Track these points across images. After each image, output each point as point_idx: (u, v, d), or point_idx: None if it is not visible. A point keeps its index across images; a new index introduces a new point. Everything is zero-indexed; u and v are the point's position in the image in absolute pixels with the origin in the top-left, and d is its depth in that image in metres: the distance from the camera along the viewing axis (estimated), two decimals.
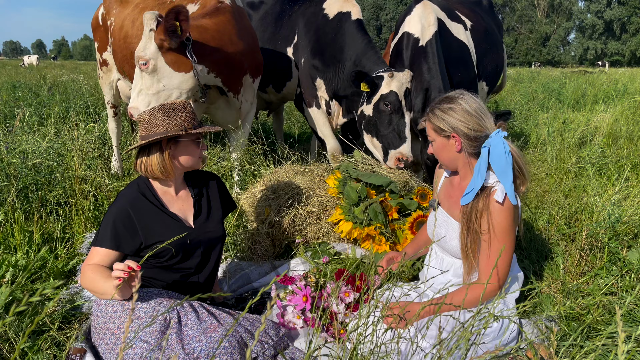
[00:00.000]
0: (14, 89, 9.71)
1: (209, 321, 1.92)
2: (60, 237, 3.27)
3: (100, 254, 2.01)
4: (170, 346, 1.82)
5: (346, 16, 4.16)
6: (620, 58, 69.23)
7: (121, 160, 5.01)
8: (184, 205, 2.25)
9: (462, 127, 1.96)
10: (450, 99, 2.02)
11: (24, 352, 2.13)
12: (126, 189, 2.18)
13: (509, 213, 1.90)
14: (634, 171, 4.54)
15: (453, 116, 1.97)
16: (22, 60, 35.37)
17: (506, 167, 1.89)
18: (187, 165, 2.19)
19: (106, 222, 2.04)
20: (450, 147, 2.03)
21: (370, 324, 1.64)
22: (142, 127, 2.10)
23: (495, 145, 1.91)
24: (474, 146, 1.99)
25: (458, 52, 4.09)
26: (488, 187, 1.94)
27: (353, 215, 2.88)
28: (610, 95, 10.51)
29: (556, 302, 2.55)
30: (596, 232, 2.96)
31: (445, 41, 3.92)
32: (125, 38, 4.30)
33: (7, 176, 3.59)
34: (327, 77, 4.22)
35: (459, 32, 4.19)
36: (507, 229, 1.91)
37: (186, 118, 2.10)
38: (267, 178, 3.44)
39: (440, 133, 2.03)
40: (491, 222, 1.91)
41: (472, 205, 1.95)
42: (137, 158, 2.15)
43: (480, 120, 1.96)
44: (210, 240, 2.26)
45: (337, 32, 4.14)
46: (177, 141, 2.13)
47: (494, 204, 1.90)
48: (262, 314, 2.42)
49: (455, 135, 1.99)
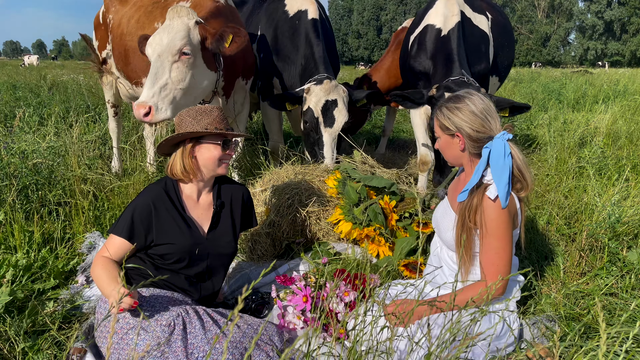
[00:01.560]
0: (14, 89, 9.71)
1: (214, 331, 1.91)
2: (61, 237, 3.28)
3: (115, 243, 2.05)
4: (174, 353, 1.82)
5: (304, 15, 4.10)
6: (621, 58, 69.21)
7: (121, 160, 5.01)
8: (203, 213, 2.25)
9: (466, 127, 1.99)
10: (459, 98, 2.04)
11: (24, 351, 2.13)
12: (154, 184, 2.21)
13: (498, 212, 1.91)
14: (634, 172, 4.54)
15: (459, 116, 2.00)
16: (23, 60, 35.37)
17: (503, 169, 1.90)
18: (208, 168, 2.18)
19: (127, 212, 2.09)
20: (455, 145, 2.08)
21: (368, 324, 1.65)
22: (176, 129, 2.16)
23: (496, 147, 1.93)
24: (476, 147, 2.02)
25: (479, 41, 4.07)
26: (483, 184, 1.97)
27: (353, 216, 2.87)
28: (610, 96, 10.51)
29: (556, 302, 2.55)
30: (596, 233, 2.96)
31: (468, 31, 3.92)
32: (121, 36, 4.30)
33: (7, 176, 3.59)
34: (282, 78, 4.24)
35: (481, 22, 4.16)
36: (500, 226, 1.92)
37: (211, 121, 2.11)
38: (267, 178, 3.44)
39: (445, 131, 2.07)
40: (483, 218, 1.93)
41: (467, 201, 1.99)
42: (168, 159, 2.21)
43: (485, 122, 1.98)
44: (219, 255, 2.26)
45: (294, 30, 4.12)
46: (199, 141, 2.14)
47: (486, 200, 1.92)
48: (261, 315, 2.42)
49: (459, 135, 2.03)
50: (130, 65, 4.30)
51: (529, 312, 2.53)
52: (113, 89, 4.96)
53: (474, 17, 4.10)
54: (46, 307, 2.47)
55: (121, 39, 4.31)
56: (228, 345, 1.87)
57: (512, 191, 1.96)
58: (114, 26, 4.46)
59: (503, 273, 1.92)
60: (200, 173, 2.19)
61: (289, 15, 4.23)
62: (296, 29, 4.12)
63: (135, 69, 4.27)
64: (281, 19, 4.27)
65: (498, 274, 1.91)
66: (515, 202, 1.98)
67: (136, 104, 2.96)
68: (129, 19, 4.29)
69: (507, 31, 4.84)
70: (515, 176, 1.96)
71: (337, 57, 4.91)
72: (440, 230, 2.19)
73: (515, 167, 1.95)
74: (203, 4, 3.76)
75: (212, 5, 3.71)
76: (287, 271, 2.87)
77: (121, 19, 4.38)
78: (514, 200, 1.97)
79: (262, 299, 2.47)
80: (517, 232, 2.05)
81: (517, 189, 1.99)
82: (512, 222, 1.96)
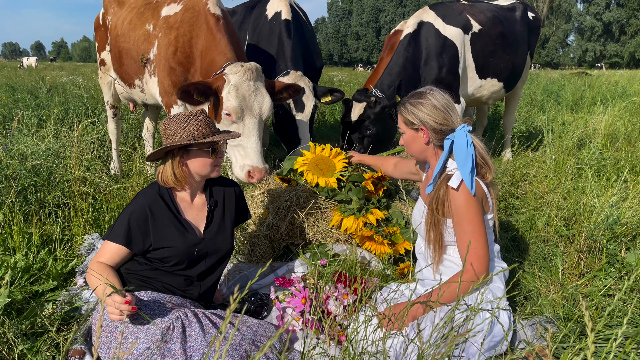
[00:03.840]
0: (13, 90, 9.71)
1: (213, 334, 1.91)
2: (59, 238, 3.27)
3: (110, 249, 2.04)
4: (173, 356, 1.82)
5: (279, 16, 4.41)
6: (619, 60, 69.35)
7: (120, 162, 5.01)
8: (198, 214, 2.25)
9: (430, 120, 2.12)
10: (421, 94, 2.17)
11: (22, 353, 2.13)
12: (147, 188, 2.20)
13: (466, 196, 2.01)
14: (632, 173, 4.55)
15: (422, 110, 2.12)
16: (21, 62, 35.32)
17: (466, 157, 2.02)
18: (200, 174, 2.18)
19: (122, 218, 2.07)
20: (419, 139, 2.19)
21: (362, 323, 1.67)
22: (162, 138, 2.15)
23: (459, 137, 2.07)
24: (440, 139, 2.15)
25: (440, 48, 4.56)
26: (445, 173, 2.08)
27: (349, 209, 2.92)
28: (608, 98, 10.53)
29: (555, 303, 2.55)
30: (595, 234, 2.96)
31: (428, 37, 4.51)
32: (116, 37, 4.31)
33: (6, 178, 3.59)
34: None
35: (451, 34, 4.62)
36: (470, 210, 2.01)
37: (196, 127, 2.08)
38: (265, 181, 3.44)
39: (410, 126, 2.19)
40: (451, 206, 2.04)
41: (433, 193, 2.11)
42: (158, 166, 2.18)
43: (447, 115, 2.12)
44: (217, 252, 2.26)
45: (271, 32, 4.44)
46: (188, 150, 2.12)
47: (449, 189, 2.04)
48: (260, 317, 2.42)
49: (423, 128, 2.15)
50: (124, 67, 4.31)
51: (527, 312, 2.53)
52: (112, 90, 4.96)
53: (441, 27, 4.60)
54: (45, 309, 2.47)
55: (116, 41, 4.33)
56: (228, 348, 1.87)
57: (477, 177, 2.09)
58: (112, 28, 4.48)
59: (482, 255, 1.99)
60: (192, 179, 2.19)
61: (268, 19, 4.58)
62: (272, 30, 4.46)
63: (128, 71, 4.28)
64: (263, 23, 4.60)
65: (477, 257, 1.99)
66: (482, 187, 2.10)
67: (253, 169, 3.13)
68: (124, 20, 4.30)
69: (505, 38, 5.04)
70: (478, 163, 2.10)
71: (317, 57, 5.15)
72: (420, 229, 2.29)
73: (478, 154, 2.10)
74: (194, 7, 3.75)
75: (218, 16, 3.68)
76: (286, 272, 2.87)
77: (117, 21, 4.40)
78: (481, 185, 2.09)
79: (260, 300, 2.47)
80: (490, 217, 2.15)
81: (482, 174, 2.13)
82: (481, 206, 2.06)
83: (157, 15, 3.99)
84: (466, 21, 4.75)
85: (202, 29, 3.61)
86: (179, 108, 3.81)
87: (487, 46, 4.83)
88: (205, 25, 3.59)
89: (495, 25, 4.94)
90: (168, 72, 3.75)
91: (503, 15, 5.20)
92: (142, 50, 4.02)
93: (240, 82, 3.15)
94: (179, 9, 3.84)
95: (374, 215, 2.88)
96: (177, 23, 3.74)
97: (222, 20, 3.64)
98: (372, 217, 2.87)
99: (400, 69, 4.43)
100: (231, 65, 3.26)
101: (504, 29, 5.00)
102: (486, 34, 4.84)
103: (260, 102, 3.23)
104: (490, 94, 5.03)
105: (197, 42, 3.62)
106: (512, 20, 5.29)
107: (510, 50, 5.08)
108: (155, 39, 3.88)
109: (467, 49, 4.70)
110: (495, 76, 4.97)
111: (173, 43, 3.70)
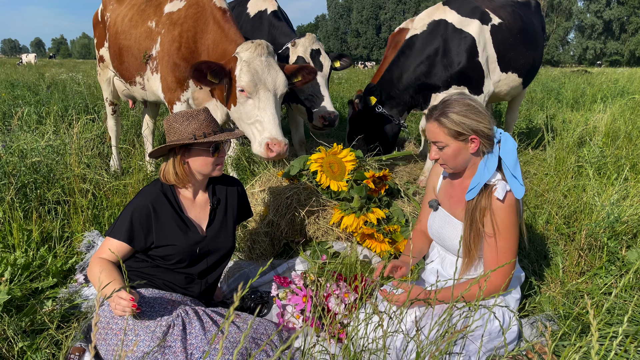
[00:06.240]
0: (13, 87, 9.69)
1: (213, 331, 1.91)
2: (59, 235, 3.27)
3: (112, 245, 2.04)
4: (174, 354, 1.82)
5: (264, 13, 4.66)
6: (620, 58, 69.27)
7: (120, 159, 5.00)
8: (200, 212, 2.25)
9: (482, 127, 1.93)
10: (458, 102, 1.97)
11: (22, 350, 2.12)
12: (150, 186, 2.19)
13: (510, 210, 1.92)
14: (632, 171, 4.54)
15: (471, 118, 1.93)
16: (20, 59, 35.22)
17: (516, 162, 1.92)
18: (201, 173, 2.17)
19: (124, 215, 2.07)
20: (467, 150, 1.99)
21: (362, 321, 1.66)
22: (166, 135, 2.14)
23: (506, 139, 1.94)
24: (490, 144, 1.98)
25: (457, 41, 4.50)
26: (490, 185, 1.96)
27: (350, 207, 2.91)
28: (608, 96, 10.51)
29: (555, 301, 2.55)
30: (595, 232, 2.96)
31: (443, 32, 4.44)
32: (116, 34, 4.30)
33: (5, 175, 3.58)
34: None
35: (468, 26, 4.54)
36: (510, 226, 1.93)
37: (198, 126, 2.07)
38: (266, 178, 3.44)
39: (458, 138, 1.96)
40: (494, 220, 1.93)
41: (475, 202, 1.97)
42: (160, 164, 2.18)
43: (489, 117, 1.97)
44: (218, 251, 2.26)
45: (255, 29, 4.62)
46: (189, 148, 2.11)
47: (495, 202, 1.93)
48: (260, 314, 2.42)
49: (475, 138, 1.95)
50: (125, 64, 4.30)
51: (527, 311, 2.53)
52: (111, 86, 4.94)
53: (456, 22, 4.51)
54: (45, 306, 2.47)
55: (116, 38, 4.31)
56: (228, 346, 1.87)
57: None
58: (111, 24, 4.46)
59: (507, 272, 1.93)
60: (194, 178, 2.19)
61: (250, 17, 4.74)
62: (257, 26, 4.63)
63: (129, 68, 4.26)
64: (245, 21, 4.76)
65: (503, 273, 1.93)
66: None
67: (272, 141, 3.00)
68: (124, 17, 4.28)
69: (525, 33, 5.01)
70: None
71: None
72: (445, 240, 2.16)
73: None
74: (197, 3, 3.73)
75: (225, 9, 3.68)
76: (286, 270, 2.87)
77: (117, 18, 4.38)
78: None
79: (261, 298, 2.47)
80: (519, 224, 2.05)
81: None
82: (519, 218, 1.98)
83: (160, 12, 3.97)
84: (484, 13, 4.67)
85: (208, 23, 3.60)
86: (182, 105, 3.80)
87: (507, 39, 4.74)
88: (212, 19, 3.58)
89: (515, 19, 4.89)
90: (172, 68, 3.74)
91: (521, 10, 5.17)
92: (144, 47, 4.00)
93: (252, 58, 3.15)
94: (182, 5, 3.82)
95: (375, 214, 2.88)
96: (181, 19, 3.73)
97: (229, 12, 3.65)
98: (372, 216, 2.86)
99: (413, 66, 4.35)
100: (242, 44, 3.27)
101: (523, 24, 4.95)
102: (507, 27, 4.77)
103: (274, 77, 3.20)
104: (509, 89, 4.95)
105: (202, 37, 3.61)
106: (529, 15, 5.25)
107: (531, 46, 5.00)
108: (158, 35, 3.87)
109: (488, 39, 4.61)
110: (516, 71, 4.89)
111: (177, 39, 3.69)
